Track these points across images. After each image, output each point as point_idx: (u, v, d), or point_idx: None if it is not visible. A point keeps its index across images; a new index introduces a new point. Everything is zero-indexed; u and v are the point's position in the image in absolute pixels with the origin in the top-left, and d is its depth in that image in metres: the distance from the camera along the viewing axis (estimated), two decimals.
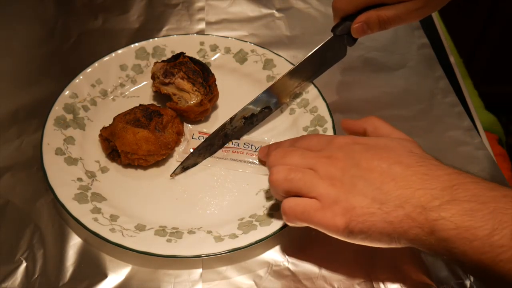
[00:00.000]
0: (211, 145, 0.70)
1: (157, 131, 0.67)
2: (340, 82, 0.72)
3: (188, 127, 0.73)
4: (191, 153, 0.69)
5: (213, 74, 0.74)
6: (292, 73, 0.72)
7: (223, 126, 0.70)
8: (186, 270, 0.60)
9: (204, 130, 0.73)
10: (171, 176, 0.68)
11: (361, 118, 0.61)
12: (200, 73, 0.73)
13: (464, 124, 0.75)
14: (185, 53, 0.75)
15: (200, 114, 0.72)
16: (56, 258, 0.60)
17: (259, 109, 0.72)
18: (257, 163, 0.69)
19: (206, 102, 0.72)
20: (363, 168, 0.52)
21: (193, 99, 0.71)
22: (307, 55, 0.71)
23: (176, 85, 0.72)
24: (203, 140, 0.70)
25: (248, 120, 0.71)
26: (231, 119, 0.70)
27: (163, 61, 0.75)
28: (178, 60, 0.74)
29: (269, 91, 0.72)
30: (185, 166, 0.68)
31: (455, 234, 0.45)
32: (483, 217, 0.44)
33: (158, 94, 0.77)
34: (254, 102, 0.71)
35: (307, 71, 0.73)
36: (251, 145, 0.71)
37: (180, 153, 0.70)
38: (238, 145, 0.71)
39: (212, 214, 0.64)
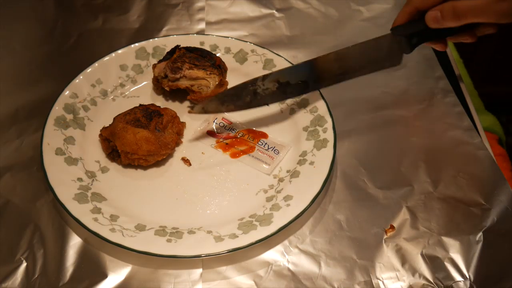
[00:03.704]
0: (238, 97, 0.67)
1: (157, 131, 0.67)
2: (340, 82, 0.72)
3: None
4: (216, 95, 0.67)
5: (215, 54, 0.76)
6: (338, 55, 0.68)
7: (254, 81, 0.68)
8: (186, 270, 0.60)
9: (227, 114, 0.74)
10: (188, 112, 0.69)
11: (362, 117, 0.60)
12: (203, 58, 0.74)
13: (464, 124, 0.75)
14: (180, 45, 0.76)
15: None
16: (56, 258, 0.60)
17: (295, 80, 0.68)
18: (269, 164, 0.69)
19: (225, 80, 0.74)
20: None
21: (212, 83, 0.72)
22: (357, 43, 0.68)
23: (188, 76, 0.73)
24: (223, 126, 0.71)
25: (281, 87, 0.68)
26: (264, 77, 0.68)
27: (160, 61, 0.75)
28: (176, 54, 0.74)
29: (310, 63, 0.69)
30: (205, 108, 0.67)
31: None
32: None
33: (157, 94, 0.77)
34: (292, 68, 0.69)
35: (354, 60, 0.68)
36: (273, 147, 0.70)
37: (197, 131, 0.71)
38: (263, 145, 0.71)
39: (212, 214, 0.64)
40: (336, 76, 0.69)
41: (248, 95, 0.68)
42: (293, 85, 0.69)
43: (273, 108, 0.75)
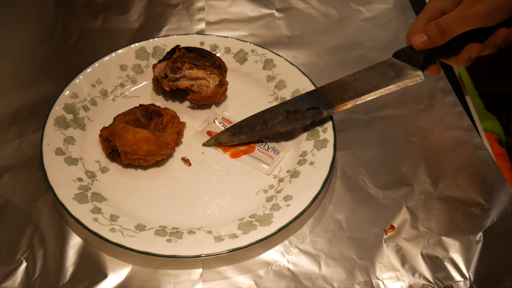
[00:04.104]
0: (249, 128, 0.69)
1: (157, 131, 0.67)
2: None
3: (214, 108, 0.75)
4: (227, 128, 0.70)
5: (215, 54, 0.76)
6: (340, 82, 0.70)
7: (262, 113, 0.70)
8: (186, 270, 0.60)
9: (227, 114, 0.74)
10: (203, 144, 0.70)
11: (362, 118, 0.60)
12: (203, 58, 0.74)
13: (464, 124, 0.75)
14: (180, 45, 0.76)
15: (222, 94, 0.74)
16: (56, 258, 0.60)
17: (304, 107, 0.69)
18: (269, 164, 0.69)
19: (225, 80, 0.74)
20: None
21: (212, 83, 0.72)
22: (357, 71, 0.70)
23: (188, 76, 0.73)
24: (223, 126, 0.71)
25: (291, 115, 0.69)
26: (270, 109, 0.70)
27: (160, 61, 0.75)
28: (176, 54, 0.74)
29: (314, 92, 0.71)
30: (218, 140, 0.69)
31: None
32: None
33: (157, 94, 0.77)
34: (296, 98, 0.71)
35: (358, 84, 0.69)
36: (273, 148, 0.70)
37: (197, 131, 0.72)
38: (263, 145, 0.71)
39: (212, 214, 0.64)
40: (347, 100, 0.68)
41: (258, 125, 0.70)
42: (302, 111, 0.69)
43: None
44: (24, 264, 0.59)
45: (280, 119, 0.69)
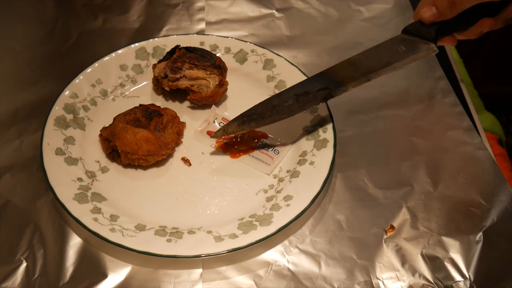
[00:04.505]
0: (258, 115, 0.67)
1: (157, 131, 0.67)
2: None
3: (214, 108, 0.75)
4: (235, 117, 0.67)
5: (215, 54, 0.76)
6: (350, 60, 0.67)
7: (270, 99, 0.68)
8: (186, 270, 0.60)
9: (227, 114, 0.74)
10: (211, 136, 0.69)
11: (362, 118, 0.60)
12: (203, 58, 0.74)
13: (464, 124, 0.75)
14: (180, 45, 0.76)
15: (222, 94, 0.74)
16: (56, 258, 0.60)
17: (314, 89, 0.67)
18: (269, 164, 0.69)
19: (224, 80, 0.74)
20: None
21: (212, 83, 0.72)
22: (366, 49, 0.68)
23: (188, 76, 0.73)
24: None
25: (301, 97, 0.67)
26: (279, 94, 0.68)
27: (160, 61, 0.75)
28: (176, 54, 0.74)
29: (326, 72, 0.68)
30: (227, 130, 0.66)
31: None
32: None
33: (157, 94, 0.77)
34: (307, 80, 0.69)
35: (369, 61, 0.67)
36: (273, 148, 0.70)
37: (197, 131, 0.72)
38: (263, 146, 0.71)
39: (212, 214, 0.64)
40: (360, 76, 0.66)
41: (268, 111, 0.67)
42: (313, 93, 0.67)
43: None
44: (24, 264, 0.59)
45: (290, 102, 0.67)
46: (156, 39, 0.81)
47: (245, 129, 0.67)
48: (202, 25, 0.91)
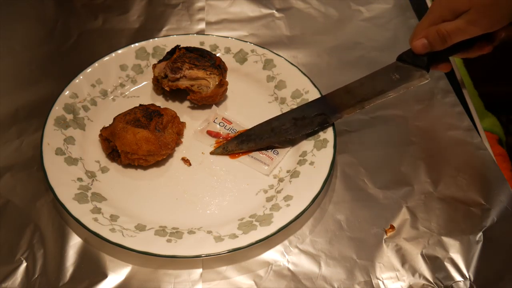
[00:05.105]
0: (257, 136, 0.70)
1: (157, 131, 0.67)
2: (341, 82, 0.72)
3: (214, 108, 0.75)
4: (235, 136, 0.70)
5: (215, 54, 0.76)
6: (347, 88, 0.70)
7: (269, 121, 0.70)
8: (186, 270, 0.60)
9: (227, 114, 0.74)
10: (210, 153, 0.70)
11: (362, 118, 0.61)
12: (203, 58, 0.74)
13: (464, 124, 0.75)
14: (180, 45, 0.76)
15: (222, 94, 0.74)
16: (56, 258, 0.60)
17: (311, 114, 0.70)
18: (268, 165, 0.69)
19: (224, 80, 0.74)
20: None
21: (212, 83, 0.72)
22: (363, 76, 0.70)
23: (188, 76, 0.73)
24: (223, 126, 0.72)
25: (298, 121, 0.70)
26: (278, 117, 0.71)
27: (160, 61, 0.75)
28: (176, 54, 0.74)
29: (322, 99, 0.71)
30: (226, 148, 0.69)
31: None
32: None
33: (157, 94, 0.77)
34: (304, 106, 0.72)
35: (365, 89, 0.70)
36: (273, 148, 0.70)
37: (197, 131, 0.72)
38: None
39: (212, 214, 0.64)
40: (355, 104, 0.69)
41: (266, 133, 0.70)
42: (310, 117, 0.70)
43: (274, 109, 0.75)
44: (24, 264, 0.59)
45: (287, 126, 0.70)
46: (156, 39, 0.81)
47: (244, 148, 0.69)
48: (202, 25, 0.91)
